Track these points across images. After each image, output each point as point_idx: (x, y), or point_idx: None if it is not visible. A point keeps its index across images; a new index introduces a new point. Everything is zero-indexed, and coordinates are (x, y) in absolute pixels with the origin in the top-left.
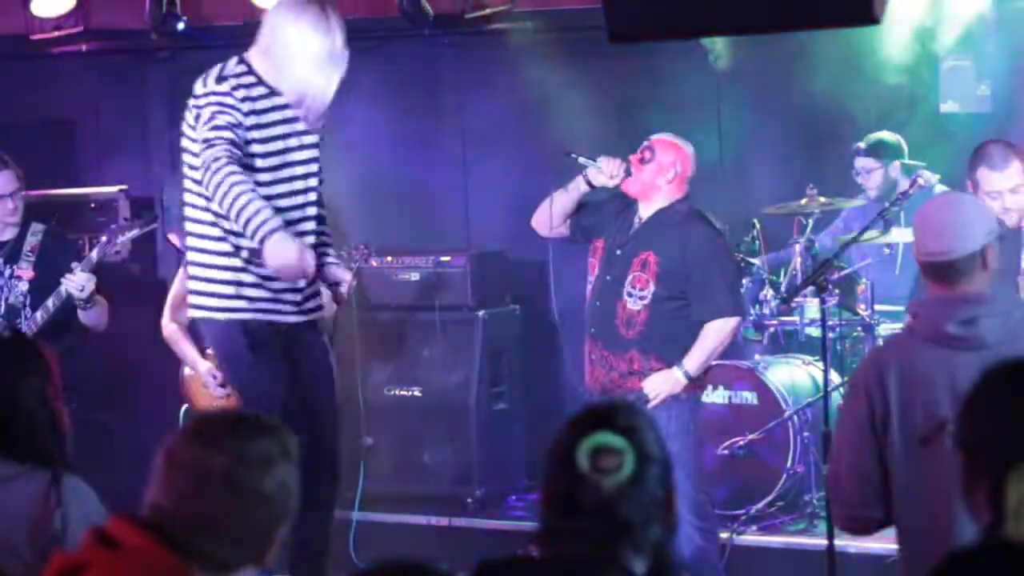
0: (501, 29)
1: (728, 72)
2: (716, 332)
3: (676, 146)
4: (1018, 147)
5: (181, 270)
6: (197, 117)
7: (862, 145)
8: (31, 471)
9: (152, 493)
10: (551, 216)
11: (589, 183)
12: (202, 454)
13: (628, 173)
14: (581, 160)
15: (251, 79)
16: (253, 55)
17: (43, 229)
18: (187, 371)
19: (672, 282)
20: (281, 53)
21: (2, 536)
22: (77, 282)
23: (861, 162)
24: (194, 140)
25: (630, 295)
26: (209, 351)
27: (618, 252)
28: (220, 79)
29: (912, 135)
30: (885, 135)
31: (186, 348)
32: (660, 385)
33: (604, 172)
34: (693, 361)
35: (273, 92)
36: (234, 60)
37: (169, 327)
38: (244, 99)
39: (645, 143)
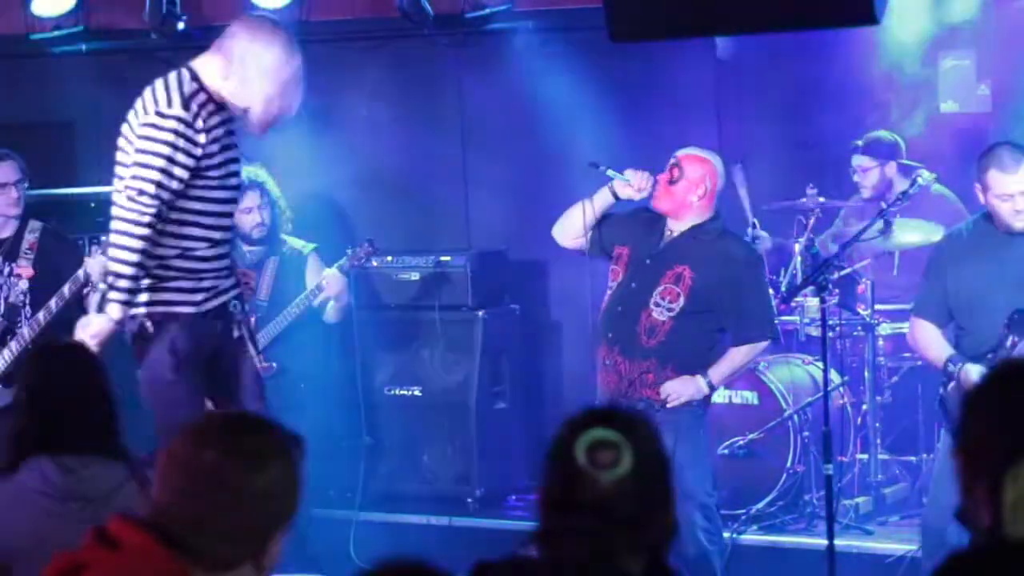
0: (501, 29)
1: (728, 71)
2: (747, 353)
3: (703, 160)
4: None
5: None
6: (145, 136)
7: (859, 143)
8: (129, 475)
9: (154, 492)
10: (581, 225)
11: (615, 195)
12: (194, 452)
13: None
14: (609, 172)
15: (204, 97)
16: (206, 72)
17: (40, 227)
18: None
19: (704, 300)
20: (248, 77)
21: None
22: (97, 264)
23: (857, 160)
24: (131, 146)
25: (657, 305)
26: None
27: (647, 261)
28: (185, 103)
29: (912, 135)
30: (882, 134)
31: None
32: (681, 388)
33: (632, 185)
34: (718, 375)
35: (221, 108)
36: (187, 76)
37: None
38: (202, 129)
39: (672, 161)
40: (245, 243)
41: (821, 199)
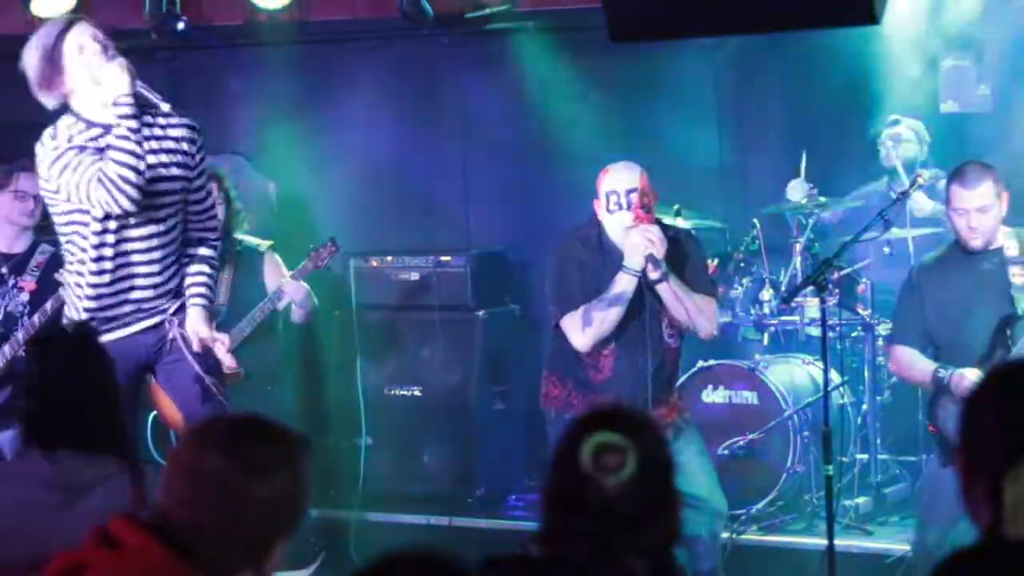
0: (501, 29)
1: (728, 71)
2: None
3: (636, 168)
4: (994, 170)
5: None
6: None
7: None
8: (119, 469)
9: (157, 494)
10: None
11: (637, 270)
12: (197, 456)
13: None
14: (666, 277)
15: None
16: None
17: (51, 252)
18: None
19: None
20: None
21: None
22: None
23: (905, 127)
24: None
25: (671, 337)
26: None
27: (643, 312)
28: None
29: None
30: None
31: None
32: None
33: (659, 250)
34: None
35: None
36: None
37: None
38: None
39: (636, 195)
40: None
41: (821, 199)
